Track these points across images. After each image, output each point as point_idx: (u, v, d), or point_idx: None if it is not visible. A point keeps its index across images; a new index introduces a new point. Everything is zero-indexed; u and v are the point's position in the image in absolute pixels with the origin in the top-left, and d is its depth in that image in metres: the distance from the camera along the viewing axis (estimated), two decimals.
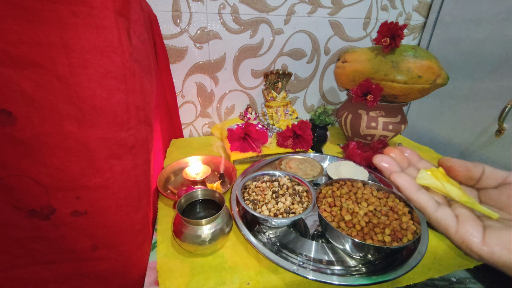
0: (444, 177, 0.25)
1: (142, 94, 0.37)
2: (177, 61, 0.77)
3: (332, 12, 0.83)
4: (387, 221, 0.42)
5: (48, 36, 0.26)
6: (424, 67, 0.63)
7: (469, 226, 0.21)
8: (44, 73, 0.27)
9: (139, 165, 0.38)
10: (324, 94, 0.98)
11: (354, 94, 0.69)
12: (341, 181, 0.52)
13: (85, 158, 0.31)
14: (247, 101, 0.91)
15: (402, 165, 0.26)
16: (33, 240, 0.34)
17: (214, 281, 0.39)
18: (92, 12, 0.27)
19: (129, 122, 0.34)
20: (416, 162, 0.28)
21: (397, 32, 0.63)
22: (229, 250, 0.45)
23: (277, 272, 0.41)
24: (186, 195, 0.47)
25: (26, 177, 0.29)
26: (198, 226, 0.41)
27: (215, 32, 0.77)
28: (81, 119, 0.29)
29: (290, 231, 0.49)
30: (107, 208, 0.34)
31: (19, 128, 0.27)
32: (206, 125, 0.91)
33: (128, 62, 0.32)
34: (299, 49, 0.86)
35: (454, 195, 0.23)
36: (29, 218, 0.32)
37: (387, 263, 0.42)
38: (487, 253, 0.20)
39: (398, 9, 0.89)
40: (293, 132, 0.71)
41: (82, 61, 0.28)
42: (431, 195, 0.24)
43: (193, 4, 0.72)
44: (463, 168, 0.26)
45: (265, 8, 0.77)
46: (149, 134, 0.42)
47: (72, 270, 0.38)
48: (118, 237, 0.37)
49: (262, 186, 0.52)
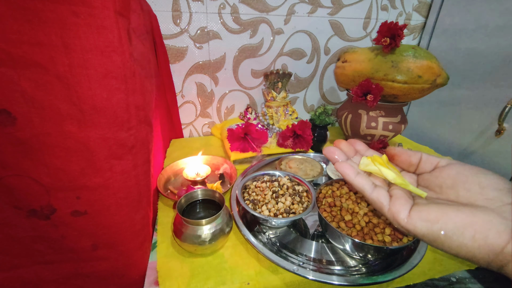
0: (384, 163, 0.28)
1: (142, 94, 0.37)
2: (177, 61, 0.77)
3: (332, 12, 0.83)
4: (387, 221, 0.42)
5: (48, 36, 0.26)
6: (424, 67, 0.63)
7: (399, 203, 0.24)
8: (45, 73, 0.27)
9: (139, 165, 0.39)
10: (324, 94, 0.98)
11: (354, 94, 0.69)
12: (341, 181, 0.52)
13: (85, 158, 0.31)
14: (247, 101, 0.91)
15: (348, 155, 0.30)
16: (33, 240, 0.34)
17: (214, 281, 0.39)
18: (93, 12, 0.27)
19: (129, 122, 0.34)
20: (363, 151, 0.31)
21: (397, 32, 0.63)
22: (229, 250, 0.45)
23: (277, 272, 0.41)
24: (186, 195, 0.47)
25: (26, 177, 0.30)
26: (198, 226, 0.41)
27: (215, 32, 0.77)
28: (81, 119, 0.29)
29: (290, 231, 0.49)
30: (107, 208, 0.35)
31: (20, 128, 0.27)
32: (206, 125, 0.91)
33: (128, 62, 0.32)
34: (299, 49, 0.86)
35: (390, 178, 0.26)
36: (30, 218, 0.32)
37: (387, 263, 0.42)
38: (411, 226, 0.23)
39: (398, 9, 0.89)
40: (293, 132, 0.71)
41: (83, 61, 0.28)
42: (370, 178, 0.27)
43: (193, 4, 0.72)
44: (405, 156, 0.29)
45: (265, 8, 0.77)
46: (149, 134, 0.42)
47: (72, 270, 0.38)
48: (118, 237, 0.37)
49: (262, 186, 0.52)
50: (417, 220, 0.22)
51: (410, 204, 0.24)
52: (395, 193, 0.25)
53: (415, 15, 0.92)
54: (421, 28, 0.95)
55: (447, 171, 0.25)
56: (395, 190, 0.26)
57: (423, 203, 0.24)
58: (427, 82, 0.64)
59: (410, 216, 0.23)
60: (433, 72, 0.63)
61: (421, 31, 0.95)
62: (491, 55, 0.73)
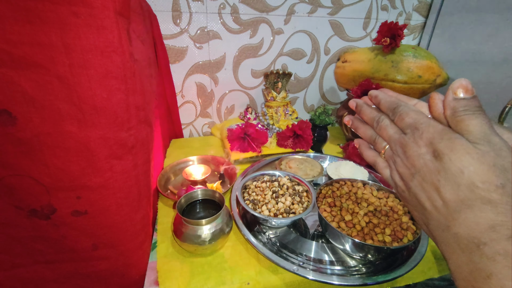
0: None
1: (142, 94, 0.37)
2: (177, 61, 0.78)
3: (332, 12, 0.83)
4: (387, 221, 0.42)
5: (49, 36, 0.26)
6: (424, 67, 0.63)
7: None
8: (45, 74, 0.27)
9: (139, 165, 0.39)
10: (324, 94, 0.98)
11: (354, 94, 0.69)
12: (341, 181, 0.52)
13: (86, 158, 0.31)
14: (247, 101, 0.91)
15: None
16: (34, 240, 0.34)
17: (214, 281, 0.39)
18: (93, 13, 0.27)
19: (129, 122, 0.34)
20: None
21: (397, 32, 0.63)
22: (229, 250, 0.45)
23: (277, 272, 0.41)
24: (186, 195, 0.47)
25: (27, 177, 0.30)
26: (198, 226, 0.41)
27: (215, 32, 0.77)
28: (81, 119, 0.29)
29: (290, 231, 0.49)
30: (107, 208, 0.35)
31: (20, 128, 0.28)
32: (206, 125, 0.91)
33: (128, 62, 0.32)
34: (299, 49, 0.86)
35: None
36: (30, 217, 0.32)
37: (387, 263, 0.42)
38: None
39: (398, 9, 0.89)
40: (293, 132, 0.71)
41: (83, 61, 0.28)
42: None
43: (193, 4, 0.72)
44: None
45: (265, 8, 0.77)
46: (149, 134, 0.42)
47: (72, 269, 0.38)
48: (118, 237, 0.37)
49: (262, 186, 0.52)
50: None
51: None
52: None
53: (415, 15, 0.92)
54: (421, 28, 0.95)
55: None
56: None
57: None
58: (427, 82, 0.64)
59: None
60: (433, 72, 0.63)
61: (421, 31, 0.95)
62: (491, 55, 0.73)
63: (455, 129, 0.21)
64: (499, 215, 0.18)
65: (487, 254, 0.17)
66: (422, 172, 0.22)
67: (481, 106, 0.21)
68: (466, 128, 0.20)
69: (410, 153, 0.24)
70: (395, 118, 0.26)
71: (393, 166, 0.26)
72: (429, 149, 0.22)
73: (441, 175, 0.21)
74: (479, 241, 0.18)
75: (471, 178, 0.19)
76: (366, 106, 0.30)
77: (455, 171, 0.20)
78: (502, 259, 0.17)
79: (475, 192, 0.19)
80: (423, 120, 0.23)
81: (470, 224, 0.19)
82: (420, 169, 0.23)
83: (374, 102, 0.29)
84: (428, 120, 0.23)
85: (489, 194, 0.19)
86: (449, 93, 0.22)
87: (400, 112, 0.25)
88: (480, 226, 0.18)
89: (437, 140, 0.21)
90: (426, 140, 0.22)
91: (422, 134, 0.23)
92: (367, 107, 0.30)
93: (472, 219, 0.19)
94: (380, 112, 0.28)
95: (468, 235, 0.19)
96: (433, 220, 0.22)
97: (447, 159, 0.20)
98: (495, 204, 0.18)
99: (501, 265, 0.17)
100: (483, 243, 0.18)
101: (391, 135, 0.26)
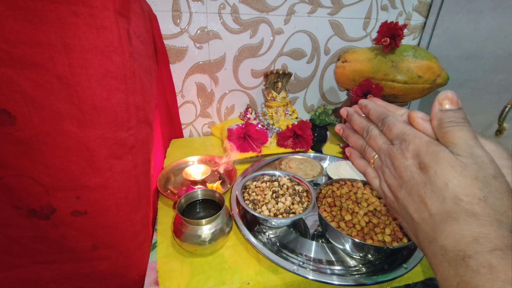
0: None
1: (142, 94, 0.37)
2: (177, 61, 0.77)
3: (332, 12, 0.83)
4: (387, 221, 0.42)
5: (48, 36, 0.26)
6: (424, 67, 0.63)
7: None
8: (44, 73, 0.27)
9: (139, 165, 0.39)
10: (324, 94, 0.98)
11: (354, 94, 0.69)
12: (341, 181, 0.52)
13: (85, 158, 0.31)
14: (247, 101, 0.91)
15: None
16: (33, 240, 0.34)
17: (214, 281, 0.39)
18: (92, 12, 0.27)
19: (129, 122, 0.34)
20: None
21: (397, 32, 0.63)
22: (229, 250, 0.45)
23: (277, 272, 0.41)
24: (186, 195, 0.47)
25: (26, 176, 0.30)
26: (198, 226, 0.41)
27: (215, 32, 0.76)
28: (81, 119, 0.29)
29: (290, 231, 0.49)
30: (107, 208, 0.35)
31: (19, 128, 0.27)
32: (206, 125, 0.91)
33: (128, 62, 0.32)
34: (299, 49, 0.86)
35: None
36: (29, 218, 0.32)
37: (387, 263, 0.42)
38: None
39: (398, 9, 0.89)
40: (293, 132, 0.71)
41: (82, 61, 0.28)
42: None
43: (193, 4, 0.72)
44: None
45: (265, 8, 0.77)
46: (149, 134, 0.42)
47: (72, 270, 0.38)
48: (118, 237, 0.37)
49: (262, 186, 0.52)
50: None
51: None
52: None
53: (415, 15, 0.92)
54: (421, 28, 0.95)
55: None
56: None
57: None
58: (427, 82, 0.64)
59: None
60: (433, 72, 0.63)
61: (421, 31, 0.95)
62: (491, 55, 0.73)
63: (441, 140, 0.22)
64: (482, 228, 0.18)
65: (472, 267, 0.17)
66: (409, 184, 0.23)
67: (466, 117, 0.21)
68: (452, 140, 0.21)
69: (397, 164, 0.24)
70: (384, 128, 0.26)
71: (382, 176, 0.26)
72: (415, 161, 0.22)
73: (427, 187, 0.21)
74: (464, 254, 0.18)
75: (455, 191, 0.19)
76: (356, 115, 0.30)
77: (440, 184, 0.20)
78: (485, 272, 0.17)
79: (460, 205, 0.19)
80: (410, 131, 0.24)
81: (455, 237, 0.19)
82: (407, 181, 0.23)
83: (364, 112, 0.29)
84: (414, 131, 0.23)
85: (472, 207, 0.19)
86: (435, 105, 0.22)
87: (388, 123, 0.25)
88: (465, 239, 0.18)
89: (423, 153, 0.22)
90: (412, 152, 0.23)
91: (409, 145, 0.23)
92: (357, 116, 0.30)
93: (458, 231, 0.19)
94: (370, 121, 0.29)
95: (454, 247, 0.19)
96: (421, 232, 0.22)
97: (432, 172, 0.21)
98: (478, 217, 0.19)
99: (485, 278, 0.17)
100: (468, 256, 0.18)
101: (380, 145, 0.26)
